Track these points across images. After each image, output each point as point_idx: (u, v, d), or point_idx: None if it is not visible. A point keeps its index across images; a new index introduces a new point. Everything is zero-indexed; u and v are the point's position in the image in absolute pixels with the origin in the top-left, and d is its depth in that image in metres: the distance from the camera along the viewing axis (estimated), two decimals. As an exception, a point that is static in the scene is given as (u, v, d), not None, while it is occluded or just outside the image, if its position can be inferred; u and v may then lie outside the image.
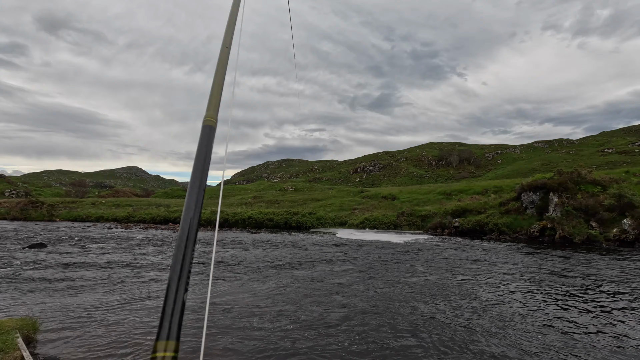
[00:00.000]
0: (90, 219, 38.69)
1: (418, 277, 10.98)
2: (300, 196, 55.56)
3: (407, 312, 7.38)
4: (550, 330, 6.42)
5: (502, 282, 10.33)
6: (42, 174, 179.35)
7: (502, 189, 37.42)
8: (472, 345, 5.70)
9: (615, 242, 20.29)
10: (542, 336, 6.12)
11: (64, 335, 5.90)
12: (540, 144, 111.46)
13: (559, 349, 5.59)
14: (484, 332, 6.26)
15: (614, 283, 10.20)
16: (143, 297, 8.32)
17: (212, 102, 1.22)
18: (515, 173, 72.02)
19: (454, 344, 5.72)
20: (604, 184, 25.02)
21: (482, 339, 5.94)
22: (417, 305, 7.87)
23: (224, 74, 1.33)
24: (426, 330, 6.33)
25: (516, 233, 25.13)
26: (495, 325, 6.62)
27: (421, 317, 7.09)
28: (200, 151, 1.05)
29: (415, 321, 6.83)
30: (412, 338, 6.01)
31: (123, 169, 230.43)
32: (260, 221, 34.56)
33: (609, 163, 63.57)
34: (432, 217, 31.84)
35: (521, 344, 5.76)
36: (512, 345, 5.71)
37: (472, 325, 6.57)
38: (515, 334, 6.22)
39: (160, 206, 46.92)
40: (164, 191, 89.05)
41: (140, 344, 5.62)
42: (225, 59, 1.40)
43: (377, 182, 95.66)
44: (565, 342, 5.89)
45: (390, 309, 7.61)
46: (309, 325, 6.57)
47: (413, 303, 8.06)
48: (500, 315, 7.22)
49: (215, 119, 1.16)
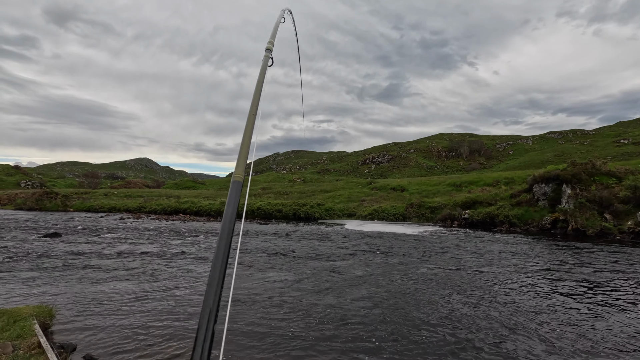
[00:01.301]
0: (103, 209, 39.43)
1: (428, 269, 10.95)
2: (308, 187, 55.65)
3: (423, 306, 7.37)
4: (567, 326, 6.35)
5: (516, 275, 10.23)
6: (56, 166, 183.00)
7: (514, 180, 36.90)
8: (487, 337, 5.68)
9: (629, 235, 19.89)
10: (557, 329, 6.07)
11: (79, 322, 6.06)
12: (553, 135, 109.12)
13: (574, 341, 5.54)
14: (504, 327, 6.23)
15: (626, 276, 10.01)
16: (158, 287, 8.47)
17: (240, 163, 1.42)
18: (527, 164, 70.85)
19: (473, 336, 5.71)
20: (619, 176, 24.45)
21: (502, 333, 5.91)
22: (433, 299, 7.86)
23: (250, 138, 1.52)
24: (448, 324, 6.32)
25: (527, 225, 24.81)
26: (519, 321, 6.58)
27: (438, 310, 7.08)
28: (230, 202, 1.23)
29: (435, 316, 6.82)
30: (436, 333, 6.01)
31: (134, 161, 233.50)
32: (269, 212, 34.77)
33: (625, 154, 62.04)
34: (442, 209, 31.61)
35: (543, 338, 5.72)
36: (538, 340, 5.67)
37: (487, 317, 6.54)
38: (535, 328, 6.18)
39: (171, 197, 47.54)
40: (174, 182, 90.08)
41: (156, 333, 5.73)
42: (251, 125, 1.59)
43: (386, 173, 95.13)
44: (580, 334, 5.83)
45: (403, 301, 7.61)
46: (326, 317, 6.62)
47: (428, 296, 8.05)
48: (521, 310, 7.17)
49: (242, 176, 1.36)
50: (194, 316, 6.42)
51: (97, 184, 73.53)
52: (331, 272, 10.33)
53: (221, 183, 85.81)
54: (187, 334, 5.64)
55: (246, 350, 5.14)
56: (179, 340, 5.43)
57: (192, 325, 5.98)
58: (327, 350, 5.19)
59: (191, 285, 8.61)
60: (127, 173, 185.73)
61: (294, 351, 5.14)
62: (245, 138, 1.51)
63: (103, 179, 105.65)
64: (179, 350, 5.08)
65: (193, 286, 8.50)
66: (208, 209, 37.02)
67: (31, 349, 4.52)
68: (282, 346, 5.29)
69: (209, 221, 29.86)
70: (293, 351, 5.14)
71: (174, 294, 7.77)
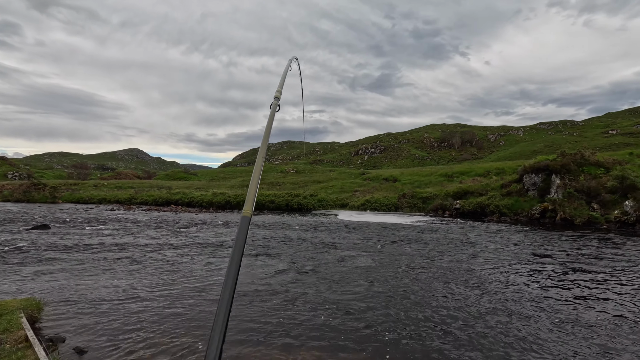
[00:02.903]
0: (93, 200, 38.91)
1: (418, 257, 11.05)
2: (301, 178, 55.55)
3: (417, 291, 7.44)
4: (553, 312, 6.48)
5: (503, 263, 10.38)
6: (44, 157, 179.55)
7: (504, 170, 37.25)
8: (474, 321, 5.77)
9: (616, 224, 20.32)
10: (544, 315, 6.19)
11: (68, 315, 5.99)
12: (544, 126, 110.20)
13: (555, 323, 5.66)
14: (485, 313, 6.33)
15: (607, 263, 10.25)
16: (148, 279, 8.42)
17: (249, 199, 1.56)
18: (518, 155, 71.57)
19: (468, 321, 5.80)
20: (607, 166, 24.84)
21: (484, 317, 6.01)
22: (426, 285, 7.94)
23: (259, 178, 1.68)
24: (445, 317, 6.40)
25: (517, 215, 25.17)
26: (508, 306, 6.68)
27: (434, 297, 7.16)
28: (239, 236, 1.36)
29: (434, 308, 6.90)
30: (438, 326, 6.07)
31: (124, 151, 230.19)
32: (262, 203, 34.68)
33: (613, 145, 62.97)
34: (433, 199, 31.85)
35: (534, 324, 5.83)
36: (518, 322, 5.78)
37: (475, 302, 6.64)
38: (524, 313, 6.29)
39: (162, 188, 47.08)
40: (166, 173, 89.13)
41: (146, 326, 5.70)
42: (260, 167, 1.74)
43: (378, 164, 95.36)
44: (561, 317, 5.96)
45: (394, 289, 7.68)
46: (318, 304, 6.64)
47: (421, 283, 8.13)
48: (508, 296, 7.29)
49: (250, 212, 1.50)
50: (185, 308, 6.40)
51: (87, 175, 72.44)
52: (321, 262, 10.37)
53: (213, 174, 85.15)
54: (178, 327, 5.62)
55: (242, 335, 5.15)
56: (170, 333, 5.41)
57: (182, 317, 5.96)
58: (320, 336, 5.23)
59: (182, 278, 8.57)
60: (118, 164, 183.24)
61: (286, 339, 5.16)
62: (255, 178, 1.68)
63: (93, 170, 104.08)
64: (171, 343, 5.07)
65: (184, 279, 8.46)
66: (200, 200, 36.78)
67: (18, 343, 4.45)
68: (275, 334, 5.31)
69: (201, 212, 29.69)
70: (285, 339, 5.16)
71: (165, 287, 7.73)
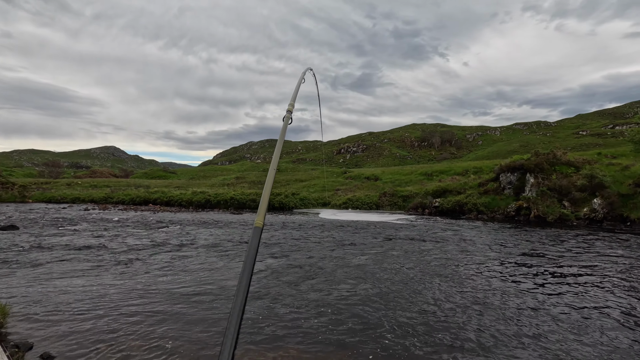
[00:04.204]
0: (66, 200, 37.46)
1: (397, 255, 11.20)
2: (283, 177, 55.30)
3: (400, 295, 7.52)
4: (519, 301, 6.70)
5: (479, 259, 10.65)
6: (13, 154, 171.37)
7: (482, 169, 38.28)
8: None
9: (585, 221, 21.23)
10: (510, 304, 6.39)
11: (36, 320, 5.74)
12: (519, 126, 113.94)
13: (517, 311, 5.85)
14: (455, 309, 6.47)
15: (570, 256, 10.70)
16: (122, 282, 8.16)
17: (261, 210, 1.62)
18: (495, 154, 73.70)
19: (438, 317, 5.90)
20: (577, 165, 25.90)
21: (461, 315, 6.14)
22: (405, 281, 8.04)
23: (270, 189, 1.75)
24: (421, 305, 6.48)
25: (494, 213, 25.90)
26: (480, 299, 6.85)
27: (413, 293, 7.25)
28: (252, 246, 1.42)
29: (408, 297, 6.98)
30: (418, 328, 6.14)
31: (100, 149, 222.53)
32: (243, 202, 34.31)
33: (583, 145, 65.79)
34: (414, 197, 32.37)
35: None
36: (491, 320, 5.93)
37: (446, 296, 6.78)
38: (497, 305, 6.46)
39: (140, 187, 45.84)
40: (144, 172, 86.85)
41: (118, 332, 5.53)
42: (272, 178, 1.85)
43: (360, 162, 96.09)
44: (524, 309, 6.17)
45: (373, 285, 7.75)
46: (292, 305, 6.61)
47: (400, 278, 8.23)
48: (480, 289, 7.47)
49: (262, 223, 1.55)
50: (159, 311, 6.24)
51: (59, 174, 69.69)
52: (301, 261, 10.35)
53: (193, 172, 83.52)
54: (152, 331, 5.48)
55: (215, 343, 5.06)
56: (144, 337, 5.26)
57: (156, 320, 5.81)
58: (299, 335, 5.21)
59: (157, 279, 8.36)
60: (93, 162, 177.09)
61: (258, 336, 5.12)
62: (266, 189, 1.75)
63: (66, 169, 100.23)
64: (144, 347, 4.93)
65: (159, 280, 8.26)
66: (179, 198, 36.02)
67: (-20, 350, 4.22)
68: (250, 331, 5.25)
69: (180, 211, 29.07)
70: (258, 336, 5.12)
71: (139, 290, 7.52)
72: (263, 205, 1.67)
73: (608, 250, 12.22)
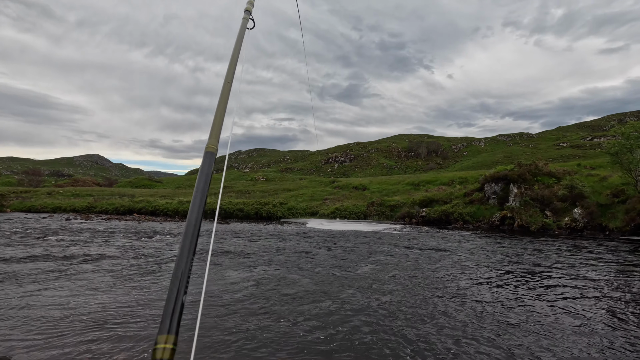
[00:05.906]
0: (47, 209, 36.40)
1: (384, 264, 11.25)
2: (271, 186, 55.08)
3: (388, 305, 7.55)
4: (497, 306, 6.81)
5: (464, 268, 10.80)
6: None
7: (467, 180, 38.97)
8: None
9: (566, 230, 21.79)
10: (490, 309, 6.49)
11: (14, 334, 5.53)
12: (503, 137, 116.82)
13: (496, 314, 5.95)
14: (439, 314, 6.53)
15: (552, 265, 10.96)
16: (103, 293, 7.96)
17: (214, 132, 1.37)
18: (480, 165, 75.25)
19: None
20: (558, 176, 26.69)
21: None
22: (391, 289, 8.07)
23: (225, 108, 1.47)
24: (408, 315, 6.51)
25: (479, 222, 26.34)
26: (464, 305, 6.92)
27: (398, 300, 7.28)
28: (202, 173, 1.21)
29: (394, 305, 7.00)
30: (392, 336, 6.15)
31: (83, 157, 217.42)
32: (230, 211, 34.01)
33: (564, 156, 67.86)
34: (401, 207, 32.66)
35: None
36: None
37: (431, 302, 6.84)
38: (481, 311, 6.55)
39: (124, 196, 44.94)
40: (129, 180, 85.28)
41: (98, 342, 5.38)
42: (227, 93, 1.55)
43: (348, 172, 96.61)
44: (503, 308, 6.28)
45: (348, 297, 7.76)
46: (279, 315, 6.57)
47: (387, 287, 8.26)
48: (464, 296, 7.56)
49: (216, 147, 1.32)
50: (138, 324, 6.10)
51: (40, 182, 67.77)
52: (288, 272, 10.29)
53: (179, 181, 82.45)
54: (131, 343, 5.35)
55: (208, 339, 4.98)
56: (123, 348, 5.14)
57: (135, 333, 5.68)
58: (278, 341, 5.16)
59: (140, 290, 8.19)
60: (75, 170, 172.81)
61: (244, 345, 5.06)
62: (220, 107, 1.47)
63: (47, 177, 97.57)
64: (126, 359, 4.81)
65: (141, 291, 8.08)
66: (165, 208, 35.46)
67: (-46, 366, 4.05)
68: (229, 340, 5.18)
69: (165, 221, 28.57)
70: (243, 346, 5.06)
71: (122, 301, 7.35)
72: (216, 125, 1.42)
73: (589, 259, 12.56)
